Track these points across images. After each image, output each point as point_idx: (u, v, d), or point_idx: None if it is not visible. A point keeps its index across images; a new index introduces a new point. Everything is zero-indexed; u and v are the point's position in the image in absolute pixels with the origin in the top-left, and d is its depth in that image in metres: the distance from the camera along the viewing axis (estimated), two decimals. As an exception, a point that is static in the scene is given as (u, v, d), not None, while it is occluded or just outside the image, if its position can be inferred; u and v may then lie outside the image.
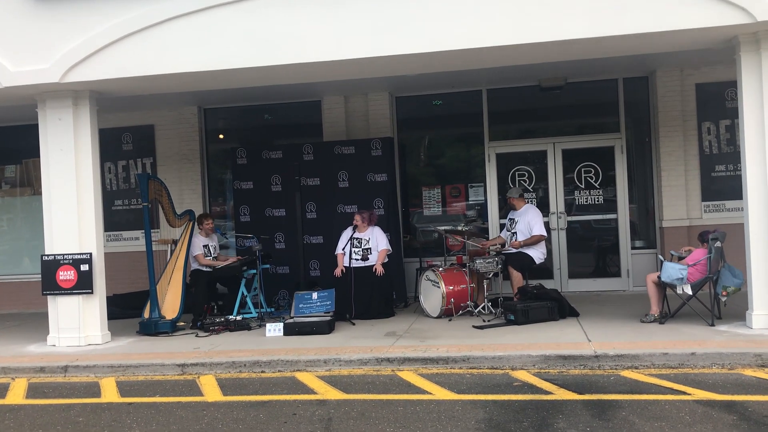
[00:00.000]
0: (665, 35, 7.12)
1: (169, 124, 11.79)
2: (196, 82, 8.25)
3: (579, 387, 5.92)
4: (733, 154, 10.33)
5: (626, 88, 10.83)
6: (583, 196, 10.93)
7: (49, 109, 8.35)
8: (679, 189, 10.44)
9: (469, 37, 7.11)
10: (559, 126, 11.17)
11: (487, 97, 11.07)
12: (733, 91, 10.29)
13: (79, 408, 6.09)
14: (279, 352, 7.28)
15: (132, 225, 11.84)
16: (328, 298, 8.68)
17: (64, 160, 8.32)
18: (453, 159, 11.62)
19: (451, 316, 8.84)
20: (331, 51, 7.43)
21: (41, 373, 7.34)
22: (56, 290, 8.36)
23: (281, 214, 10.74)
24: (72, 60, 7.81)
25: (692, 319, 7.77)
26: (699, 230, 10.17)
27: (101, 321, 8.48)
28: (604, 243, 11.08)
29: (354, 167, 10.52)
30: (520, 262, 8.96)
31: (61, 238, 8.37)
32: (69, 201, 8.33)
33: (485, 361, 6.68)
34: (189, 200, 11.52)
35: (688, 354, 6.40)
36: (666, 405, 5.33)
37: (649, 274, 8.12)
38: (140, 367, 7.20)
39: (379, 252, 9.36)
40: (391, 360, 6.85)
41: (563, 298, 8.56)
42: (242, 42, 7.56)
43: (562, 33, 7.05)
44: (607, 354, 6.52)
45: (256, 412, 5.66)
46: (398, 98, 11.35)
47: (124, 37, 7.71)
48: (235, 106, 11.81)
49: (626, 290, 10.74)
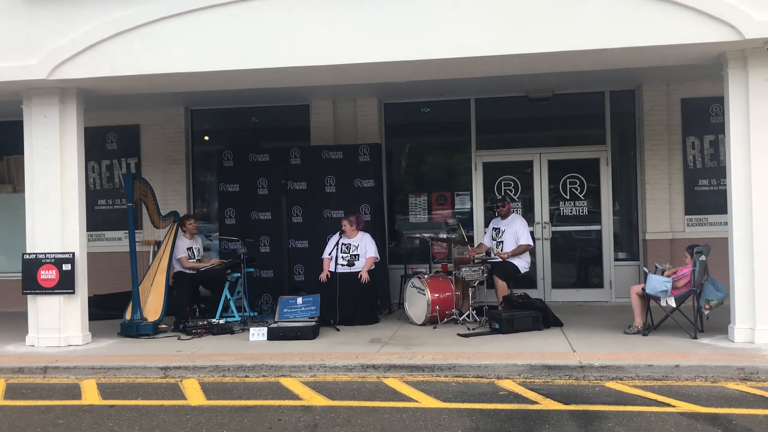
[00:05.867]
0: (655, 50, 7.21)
1: (155, 124, 11.68)
2: (188, 82, 8.20)
3: (564, 397, 5.94)
4: (716, 168, 10.44)
5: (613, 101, 10.91)
6: (568, 207, 11.00)
7: (35, 106, 8.23)
8: (663, 202, 10.53)
9: (468, 46, 7.13)
10: (546, 137, 11.24)
11: (475, 106, 11.11)
12: (717, 107, 10.43)
13: (59, 410, 5.99)
14: (263, 356, 7.23)
15: (114, 225, 11.68)
16: (313, 303, 8.63)
17: (49, 158, 8.20)
18: (440, 167, 11.63)
19: (436, 323, 8.83)
20: (327, 55, 7.39)
21: (20, 373, 7.22)
22: (37, 290, 8.23)
23: (267, 217, 10.68)
24: (60, 57, 7.71)
25: (675, 332, 7.83)
26: (682, 243, 10.33)
27: (82, 322, 8.36)
28: (588, 254, 11.15)
29: (341, 172, 10.50)
30: (506, 271, 8.98)
31: (44, 236, 8.25)
32: (53, 199, 8.21)
33: (471, 370, 6.68)
34: (173, 202, 11.40)
35: (672, 366, 6.45)
36: (651, 417, 5.36)
37: (633, 286, 8.18)
38: (122, 369, 7.11)
39: (367, 259, 9.33)
40: (377, 367, 6.82)
41: (548, 308, 8.59)
42: (236, 44, 7.50)
43: (556, 44, 7.09)
44: (592, 365, 6.55)
45: (241, 417, 5.61)
46: (387, 105, 11.35)
47: (115, 35, 7.63)
48: (223, 108, 11.73)
49: (609, 301, 10.80)
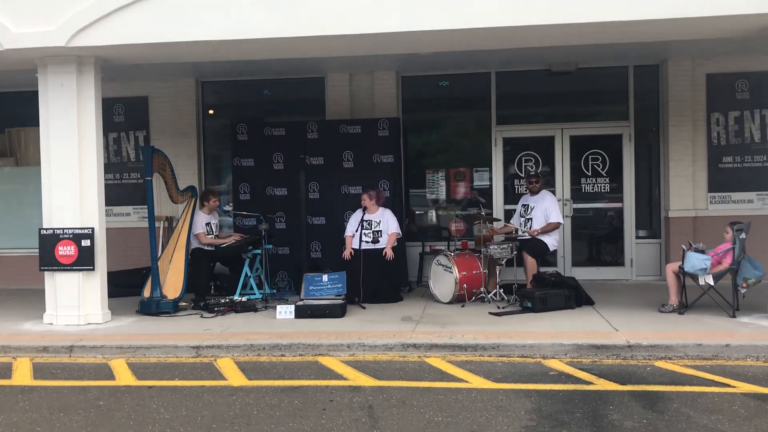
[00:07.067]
0: (709, 20, 6.94)
1: (165, 96, 11.29)
2: (211, 51, 7.85)
3: (618, 377, 5.79)
4: (740, 146, 10.31)
5: (636, 76, 10.69)
6: (590, 184, 10.81)
7: (51, 75, 7.87)
8: (687, 179, 10.38)
9: (507, 15, 6.89)
10: (568, 112, 10.98)
11: (495, 79, 10.83)
12: (743, 83, 10.30)
13: (95, 390, 5.75)
14: (298, 335, 7.01)
15: (123, 200, 11.34)
16: (339, 280, 8.41)
17: (66, 129, 7.87)
18: (458, 142, 11.36)
19: (464, 302, 8.65)
20: (359, 24, 7.10)
21: (44, 352, 6.95)
22: (55, 266, 7.94)
23: (283, 193, 10.39)
24: (80, 23, 7.34)
25: (711, 310, 7.71)
26: (705, 221, 10.29)
27: (102, 299, 8.08)
28: (609, 232, 11.00)
29: (360, 147, 10.22)
30: (536, 248, 8.80)
31: (62, 211, 7.94)
32: (70, 172, 7.89)
33: (516, 349, 6.52)
34: (184, 176, 10.96)
35: (722, 345, 6.32)
36: (715, 398, 5.23)
37: (669, 264, 8.05)
38: (151, 348, 6.87)
39: (389, 235, 9.11)
40: (418, 346, 6.64)
41: (580, 287, 8.42)
42: (263, 11, 7.20)
43: (599, 14, 6.86)
44: (640, 344, 6.41)
45: (290, 398, 5.40)
46: (404, 78, 11.04)
47: (137, 1, 7.29)
48: (234, 80, 11.35)
49: (629, 279, 10.68)
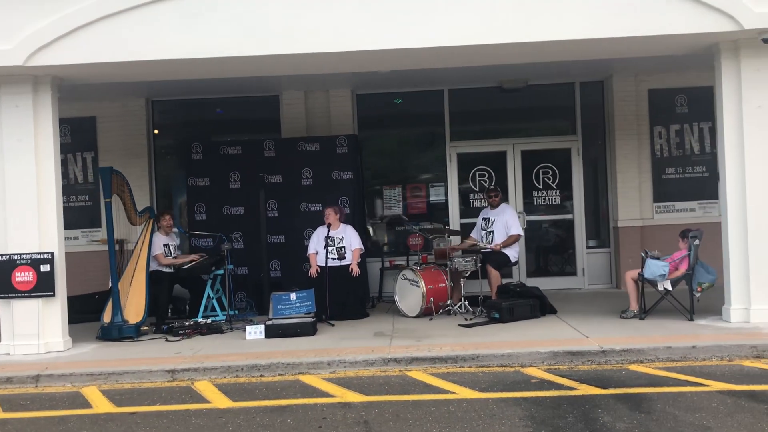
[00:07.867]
0: (654, 39, 7.35)
1: (114, 116, 11.04)
2: (177, 70, 7.77)
3: (597, 381, 5.99)
4: (682, 157, 10.83)
5: (583, 92, 11.12)
6: (541, 197, 11.14)
7: (5, 95, 7.59)
8: (633, 190, 10.82)
9: (475, 33, 7.09)
10: (519, 128, 11.34)
11: (448, 97, 11.07)
12: (682, 98, 10.85)
13: (75, 420, 5.55)
14: (275, 354, 6.94)
15: (70, 224, 10.78)
16: (308, 298, 8.36)
17: (23, 151, 7.60)
18: (414, 158, 11.53)
19: (431, 315, 8.75)
20: (329, 42, 7.17)
21: (8, 383, 6.64)
22: (12, 293, 7.61)
23: (240, 212, 10.30)
24: (39, 41, 7.14)
25: (670, 315, 8.02)
26: (651, 230, 10.73)
27: (63, 326, 7.79)
28: (561, 242, 11.35)
29: (319, 164, 10.24)
30: (499, 261, 9.01)
31: (18, 235, 7.64)
32: (28, 195, 7.61)
33: (494, 359, 6.64)
34: (135, 198, 10.78)
35: (690, 347, 6.62)
36: (694, 396, 5.47)
37: (629, 272, 8.36)
38: (124, 374, 6.67)
39: (353, 251, 9.14)
40: (398, 360, 6.69)
41: (544, 296, 8.68)
42: (232, 30, 7.17)
43: (562, 33, 7.15)
44: (613, 349, 6.65)
45: (282, 418, 5.36)
46: (359, 95, 11.15)
47: (101, 19, 7.14)
48: (186, 99, 11.21)
49: (582, 288, 11.03)
